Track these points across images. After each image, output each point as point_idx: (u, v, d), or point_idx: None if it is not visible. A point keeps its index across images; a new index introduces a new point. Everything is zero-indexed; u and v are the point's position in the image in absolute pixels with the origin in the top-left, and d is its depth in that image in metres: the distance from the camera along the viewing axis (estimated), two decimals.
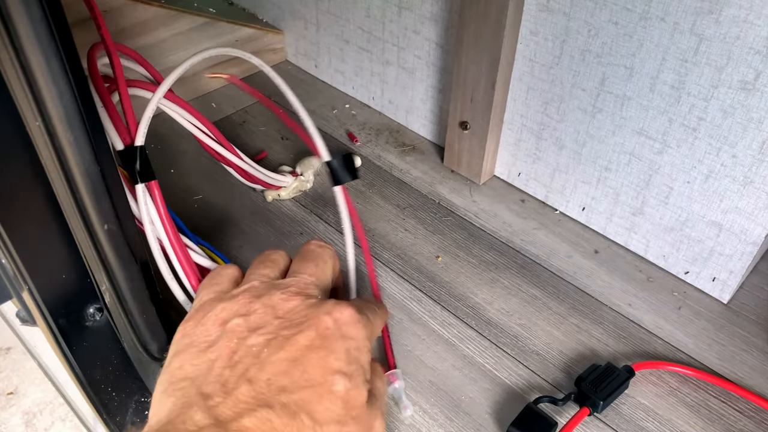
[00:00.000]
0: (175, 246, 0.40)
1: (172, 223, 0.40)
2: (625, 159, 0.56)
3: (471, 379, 0.49)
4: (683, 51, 0.48)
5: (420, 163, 0.70)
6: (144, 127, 0.41)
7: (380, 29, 0.70)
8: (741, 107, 0.47)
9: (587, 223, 0.62)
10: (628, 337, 0.53)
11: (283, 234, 0.61)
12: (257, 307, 0.32)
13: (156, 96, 0.43)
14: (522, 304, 0.55)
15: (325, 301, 0.33)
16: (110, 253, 0.34)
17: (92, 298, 0.38)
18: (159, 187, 0.41)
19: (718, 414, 0.48)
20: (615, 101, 0.54)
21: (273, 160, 0.70)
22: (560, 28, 0.54)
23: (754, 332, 0.54)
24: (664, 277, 0.58)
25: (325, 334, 0.31)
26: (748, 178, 0.49)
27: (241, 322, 0.31)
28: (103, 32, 0.39)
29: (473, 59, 0.59)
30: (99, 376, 0.40)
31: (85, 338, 0.39)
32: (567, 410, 0.47)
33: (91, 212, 0.32)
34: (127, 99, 0.41)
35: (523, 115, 0.62)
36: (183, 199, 0.64)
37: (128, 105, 0.41)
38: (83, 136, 0.29)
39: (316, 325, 0.31)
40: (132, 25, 0.69)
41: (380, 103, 0.76)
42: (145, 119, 0.41)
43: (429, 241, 0.61)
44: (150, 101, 0.42)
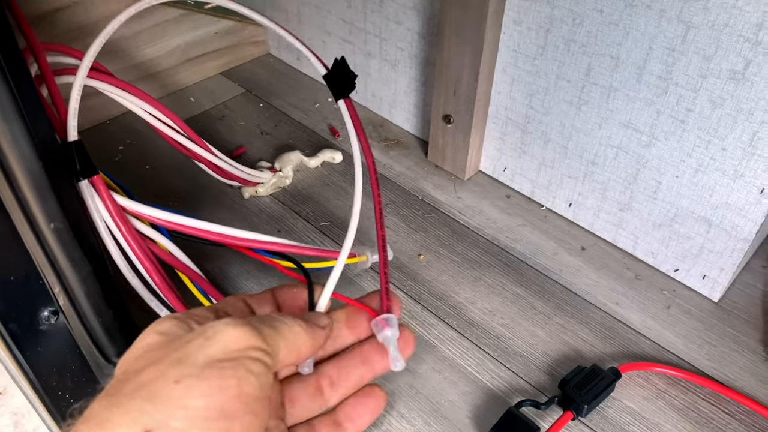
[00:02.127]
0: (130, 242, 0.38)
1: (124, 217, 0.38)
2: (612, 153, 0.54)
3: (451, 382, 0.47)
4: (670, 39, 0.46)
5: (404, 159, 0.68)
6: (73, 119, 0.38)
7: (362, 20, 0.68)
8: (730, 98, 0.45)
9: (574, 219, 0.61)
10: (615, 337, 0.51)
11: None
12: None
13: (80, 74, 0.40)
14: (505, 304, 0.53)
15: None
16: (59, 253, 0.32)
17: (46, 300, 0.36)
18: (103, 181, 0.38)
19: (708, 417, 0.46)
20: (601, 93, 0.52)
21: (252, 155, 0.68)
22: (544, 17, 0.52)
23: (746, 331, 0.52)
24: (653, 274, 0.56)
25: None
26: (738, 172, 0.47)
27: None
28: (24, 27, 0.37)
29: (455, 50, 0.57)
30: (56, 383, 0.38)
31: (39, 343, 0.37)
32: (550, 414, 0.45)
33: (36, 211, 0.30)
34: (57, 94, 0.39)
35: (507, 107, 0.60)
36: (157, 196, 0.62)
37: (59, 100, 0.39)
38: (21, 131, 0.27)
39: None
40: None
41: (363, 97, 0.74)
42: (72, 111, 0.38)
43: (411, 239, 0.59)
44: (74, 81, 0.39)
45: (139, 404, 0.23)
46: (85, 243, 0.34)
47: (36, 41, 0.39)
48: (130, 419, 0.22)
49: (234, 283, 0.54)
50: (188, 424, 0.22)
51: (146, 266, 0.39)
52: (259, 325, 0.26)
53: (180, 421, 0.22)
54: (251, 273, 0.55)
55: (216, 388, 0.23)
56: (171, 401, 0.23)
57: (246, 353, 0.25)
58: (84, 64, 0.40)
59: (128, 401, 0.23)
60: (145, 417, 0.22)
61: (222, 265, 0.55)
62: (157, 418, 0.22)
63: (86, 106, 0.41)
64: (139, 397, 0.23)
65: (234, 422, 0.23)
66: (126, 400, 0.23)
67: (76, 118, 0.38)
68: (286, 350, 0.27)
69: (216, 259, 0.55)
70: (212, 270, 0.55)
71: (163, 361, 0.24)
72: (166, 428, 0.22)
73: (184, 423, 0.22)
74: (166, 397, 0.23)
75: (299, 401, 0.32)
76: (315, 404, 0.33)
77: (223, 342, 0.25)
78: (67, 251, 0.33)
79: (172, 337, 0.26)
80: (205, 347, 0.24)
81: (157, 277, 0.40)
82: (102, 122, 0.71)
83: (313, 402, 0.33)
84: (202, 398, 0.23)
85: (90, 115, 0.70)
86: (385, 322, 0.33)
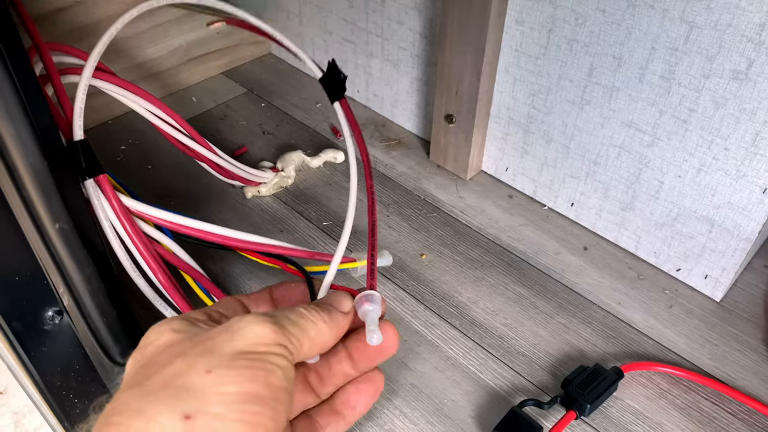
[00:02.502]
0: (136, 241, 0.38)
1: (129, 217, 0.38)
2: (614, 152, 0.54)
3: (454, 381, 0.47)
4: (673, 39, 0.46)
5: (405, 158, 0.68)
6: (78, 118, 0.38)
7: (363, 20, 0.68)
8: (733, 98, 0.45)
9: (576, 218, 0.61)
10: (618, 337, 0.51)
11: (262, 232, 0.59)
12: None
13: (85, 74, 0.40)
14: (508, 304, 0.53)
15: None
16: (64, 253, 0.32)
17: (50, 300, 0.36)
18: (109, 181, 0.38)
19: (710, 416, 0.46)
20: (603, 92, 0.52)
21: (254, 155, 0.68)
22: (546, 17, 0.52)
23: (748, 331, 0.52)
24: (655, 274, 0.56)
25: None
26: (740, 172, 0.47)
27: None
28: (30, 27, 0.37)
29: (458, 50, 0.57)
30: (60, 382, 0.38)
31: (43, 342, 0.37)
32: (553, 414, 0.45)
33: (41, 210, 0.30)
34: (63, 94, 0.39)
35: (509, 107, 0.60)
36: (159, 196, 0.62)
37: (65, 99, 0.39)
38: (26, 130, 0.27)
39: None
40: (108, 16, 0.66)
41: (365, 96, 0.74)
42: (78, 109, 0.38)
43: (413, 239, 0.59)
44: (80, 81, 0.40)
45: (174, 393, 0.23)
46: (89, 243, 0.34)
47: (41, 40, 0.39)
48: (168, 407, 0.23)
49: (237, 282, 0.54)
50: (225, 408, 0.23)
51: (151, 266, 0.39)
52: (284, 323, 0.27)
53: (216, 406, 0.23)
54: (254, 273, 0.55)
55: (247, 377, 0.24)
56: (205, 389, 0.23)
57: (270, 349, 0.26)
58: (89, 63, 0.40)
59: (161, 390, 0.23)
60: (182, 404, 0.23)
61: (225, 265, 0.55)
62: (194, 405, 0.23)
63: (89, 106, 0.41)
64: (172, 386, 0.24)
65: (265, 407, 0.24)
66: (158, 389, 0.24)
67: (82, 117, 0.38)
68: (309, 346, 0.28)
69: (219, 260, 0.55)
70: (215, 270, 0.55)
71: (189, 354, 0.25)
72: (204, 414, 0.23)
73: (220, 408, 0.23)
74: (200, 386, 0.23)
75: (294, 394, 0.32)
76: (308, 397, 0.33)
77: (249, 338, 0.26)
78: (72, 251, 0.33)
79: (191, 334, 0.27)
80: (232, 341, 0.25)
81: (162, 277, 0.40)
82: (104, 122, 0.71)
83: (306, 395, 0.33)
84: (234, 385, 0.24)
85: (92, 115, 0.70)
86: (365, 298, 0.32)
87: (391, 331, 0.32)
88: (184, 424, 0.22)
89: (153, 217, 0.40)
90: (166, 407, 0.23)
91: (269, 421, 0.24)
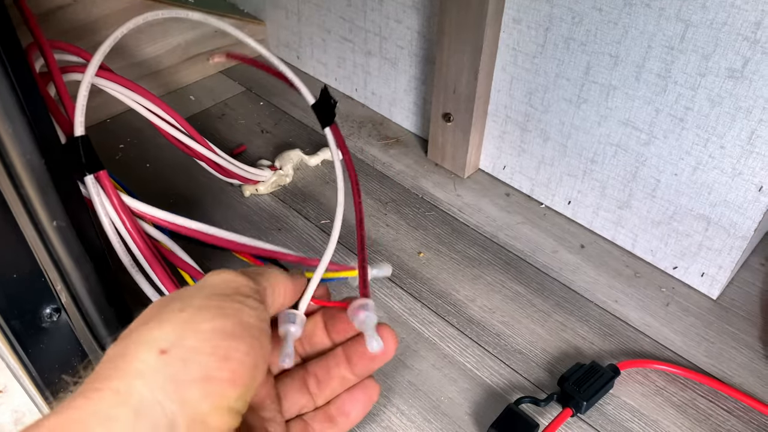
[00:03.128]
0: (135, 238, 0.39)
1: (128, 213, 0.39)
2: (611, 151, 0.54)
3: (451, 379, 0.48)
4: (669, 38, 0.46)
5: (403, 157, 0.68)
6: (80, 115, 0.38)
7: (362, 18, 0.68)
8: (729, 96, 0.45)
9: (573, 217, 0.61)
10: (614, 334, 0.51)
11: (260, 230, 0.59)
12: None
13: (89, 71, 0.40)
14: (505, 301, 0.53)
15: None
16: (61, 251, 0.32)
17: (48, 298, 0.36)
18: (109, 177, 0.39)
19: (706, 414, 0.46)
20: (600, 91, 0.52)
21: (252, 153, 0.68)
22: (543, 16, 0.52)
23: (744, 329, 0.52)
24: (652, 272, 0.56)
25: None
26: (736, 170, 0.48)
27: None
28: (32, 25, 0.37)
29: (455, 49, 0.57)
30: (58, 380, 0.38)
31: (41, 340, 0.37)
32: (549, 411, 0.46)
33: (38, 208, 0.30)
34: (63, 90, 0.39)
35: (507, 106, 0.60)
36: (158, 194, 0.62)
37: (66, 96, 0.39)
38: (24, 128, 0.28)
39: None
40: (106, 15, 0.66)
41: (363, 95, 0.75)
42: (80, 107, 0.38)
43: (411, 237, 0.59)
44: (83, 78, 0.40)
45: (148, 331, 0.24)
46: (87, 241, 0.34)
47: (43, 37, 0.39)
48: (145, 345, 0.23)
49: None
50: (200, 342, 0.24)
51: (151, 263, 0.39)
52: (246, 271, 0.29)
53: (192, 340, 0.24)
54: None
55: (218, 314, 0.25)
56: (180, 325, 0.24)
57: (238, 290, 0.27)
58: (94, 60, 0.40)
59: (137, 334, 0.24)
60: (158, 341, 0.23)
61: (224, 263, 0.55)
62: (170, 339, 0.24)
63: (87, 105, 0.41)
64: (147, 327, 0.24)
65: (240, 342, 0.25)
66: (135, 334, 0.24)
67: (84, 114, 0.39)
68: (271, 290, 0.29)
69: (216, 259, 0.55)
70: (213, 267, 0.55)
71: (165, 301, 0.26)
72: (179, 347, 0.23)
73: (195, 342, 0.24)
74: (175, 322, 0.24)
75: (290, 396, 0.33)
76: (304, 399, 0.33)
77: (215, 283, 0.27)
78: (70, 249, 0.33)
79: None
80: (203, 288, 0.27)
81: (161, 274, 0.40)
82: (102, 121, 0.71)
83: (302, 397, 0.33)
84: (207, 322, 0.24)
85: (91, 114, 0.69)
86: (360, 307, 0.32)
87: (390, 335, 0.33)
88: (160, 357, 0.23)
89: (150, 216, 0.41)
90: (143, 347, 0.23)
91: (244, 356, 0.25)
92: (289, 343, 0.31)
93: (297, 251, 0.53)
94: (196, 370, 0.23)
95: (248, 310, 0.26)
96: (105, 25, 0.67)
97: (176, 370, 0.23)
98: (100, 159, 0.38)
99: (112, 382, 0.22)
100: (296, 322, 0.32)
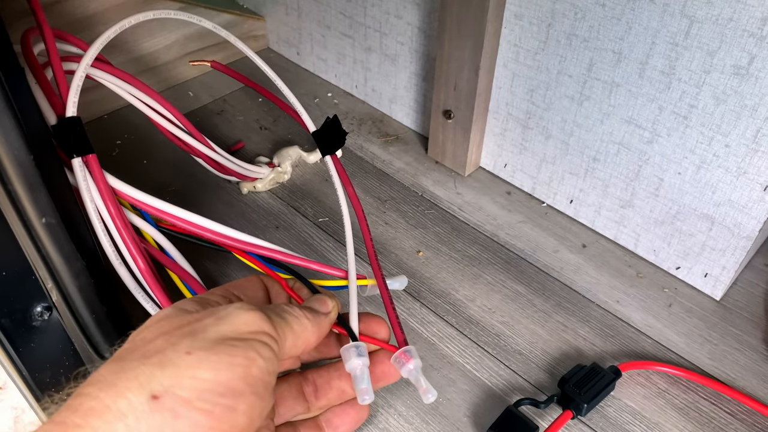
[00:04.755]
0: (119, 225, 0.38)
1: (114, 201, 0.38)
2: (613, 149, 0.53)
3: (449, 380, 0.47)
4: (673, 34, 0.45)
5: (403, 154, 0.68)
6: (73, 95, 0.38)
7: (362, 14, 0.68)
8: (734, 93, 0.44)
9: (575, 216, 0.60)
10: (616, 335, 0.50)
11: (258, 228, 0.59)
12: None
13: (84, 61, 0.40)
14: (505, 301, 0.53)
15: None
16: (51, 248, 0.32)
17: (39, 296, 0.36)
18: (98, 161, 0.38)
19: (709, 417, 0.45)
20: (603, 88, 0.51)
21: (250, 150, 0.67)
22: (546, 11, 0.52)
23: (748, 330, 0.51)
24: (655, 272, 0.56)
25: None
26: (741, 169, 0.47)
27: None
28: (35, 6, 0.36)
29: (456, 45, 0.56)
30: (49, 379, 0.38)
31: (32, 339, 0.36)
32: (549, 413, 0.45)
33: (26, 204, 0.30)
34: (60, 71, 0.38)
35: (508, 103, 0.59)
36: (155, 191, 0.61)
37: (62, 78, 0.38)
38: (11, 124, 0.27)
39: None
40: (103, 10, 0.66)
41: (363, 92, 0.74)
42: (74, 87, 0.38)
43: (410, 235, 0.58)
44: (78, 67, 0.40)
45: (148, 369, 0.23)
46: (78, 238, 0.34)
47: (46, 21, 0.38)
48: (138, 383, 0.22)
49: (226, 279, 0.53)
50: (195, 395, 0.22)
51: (132, 252, 0.38)
52: (270, 314, 0.27)
53: (187, 390, 0.22)
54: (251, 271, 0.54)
55: (225, 363, 0.23)
56: (180, 370, 0.23)
57: (256, 336, 0.25)
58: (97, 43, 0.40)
59: (137, 366, 0.23)
60: (153, 383, 0.22)
61: (221, 263, 0.55)
62: (165, 384, 0.22)
63: (84, 101, 0.40)
64: (149, 363, 0.23)
65: (239, 401, 0.23)
66: (135, 365, 0.23)
67: (78, 95, 0.38)
68: (292, 340, 0.28)
69: (212, 258, 0.55)
70: (210, 267, 0.54)
71: (174, 333, 0.24)
72: (172, 396, 0.22)
73: (190, 393, 0.22)
74: (176, 366, 0.23)
75: (285, 402, 0.32)
76: (299, 406, 0.33)
77: (235, 323, 0.25)
78: (59, 246, 0.32)
79: (185, 312, 0.26)
80: (217, 325, 0.25)
81: (144, 264, 0.39)
82: (99, 117, 0.70)
83: (298, 404, 0.33)
84: (210, 371, 0.23)
85: (88, 110, 0.69)
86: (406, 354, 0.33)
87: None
88: (150, 403, 0.22)
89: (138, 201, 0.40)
90: (137, 384, 0.22)
91: (240, 415, 0.23)
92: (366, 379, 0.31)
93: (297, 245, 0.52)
94: (183, 426, 0.22)
95: (259, 361, 0.24)
96: (102, 20, 0.66)
97: (163, 421, 0.22)
98: (90, 143, 0.38)
99: (94, 420, 0.21)
100: (364, 354, 0.32)
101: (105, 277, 0.37)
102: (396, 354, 0.33)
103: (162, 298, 0.40)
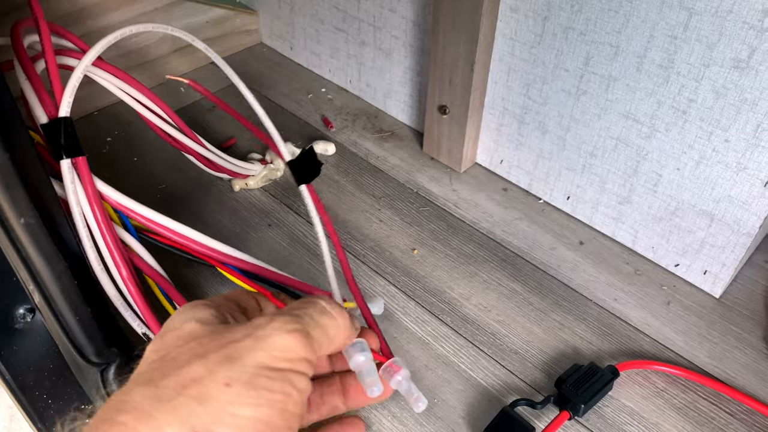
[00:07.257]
0: (104, 231, 0.37)
1: (101, 205, 0.37)
2: (611, 144, 0.53)
3: (444, 380, 0.46)
4: (672, 26, 0.44)
5: (398, 150, 0.67)
6: (69, 96, 0.37)
7: (355, 8, 0.67)
8: (734, 87, 0.43)
9: (572, 212, 0.59)
10: (614, 334, 0.50)
11: (249, 226, 0.58)
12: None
13: (83, 62, 0.39)
14: (501, 300, 0.52)
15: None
16: (31, 249, 0.31)
17: (21, 298, 0.35)
18: (88, 165, 0.37)
19: (708, 417, 0.44)
20: (600, 82, 0.50)
21: (242, 147, 0.66)
22: (542, 4, 0.51)
23: (748, 328, 0.50)
24: (653, 269, 0.55)
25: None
26: (741, 164, 0.46)
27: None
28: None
29: (451, 39, 0.55)
30: (32, 382, 0.37)
31: (14, 341, 0.35)
32: (546, 414, 0.44)
33: (4, 205, 0.29)
34: (54, 68, 0.37)
35: (504, 98, 0.58)
36: (145, 189, 0.60)
37: (55, 75, 0.37)
38: None
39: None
40: (93, 4, 0.65)
41: (357, 87, 0.73)
42: (70, 88, 0.37)
43: (405, 233, 0.58)
44: (76, 68, 0.39)
45: (187, 403, 0.23)
46: (60, 239, 0.33)
47: (42, 15, 0.37)
48: (179, 419, 0.22)
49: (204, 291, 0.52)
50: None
51: (116, 259, 0.37)
52: (308, 328, 0.27)
53: (227, 428, 0.23)
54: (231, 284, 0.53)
55: (265, 399, 0.24)
56: (220, 406, 0.23)
57: (293, 366, 0.25)
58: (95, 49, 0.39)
59: (175, 397, 0.23)
60: (193, 419, 0.22)
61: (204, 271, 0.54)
62: (205, 421, 0.22)
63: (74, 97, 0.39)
64: (187, 395, 0.23)
65: None
66: (173, 395, 0.23)
67: (73, 95, 0.37)
68: (326, 346, 0.28)
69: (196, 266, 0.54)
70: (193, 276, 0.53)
71: (209, 357, 0.24)
72: None
73: (230, 431, 0.23)
74: (216, 401, 0.23)
75: None
76: None
77: (274, 349, 0.25)
78: (40, 247, 0.31)
79: (214, 328, 0.26)
80: (255, 350, 0.25)
81: (127, 272, 0.38)
82: (90, 113, 0.69)
83: None
84: (251, 408, 0.23)
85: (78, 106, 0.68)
86: (395, 364, 0.34)
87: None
88: None
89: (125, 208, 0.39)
90: (177, 419, 0.22)
91: None
92: (373, 371, 0.32)
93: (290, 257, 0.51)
94: None
95: (295, 395, 0.25)
96: (92, 14, 0.65)
97: None
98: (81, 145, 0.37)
99: None
100: (366, 349, 0.32)
101: (90, 279, 0.36)
102: (386, 364, 0.33)
103: (142, 305, 0.39)
